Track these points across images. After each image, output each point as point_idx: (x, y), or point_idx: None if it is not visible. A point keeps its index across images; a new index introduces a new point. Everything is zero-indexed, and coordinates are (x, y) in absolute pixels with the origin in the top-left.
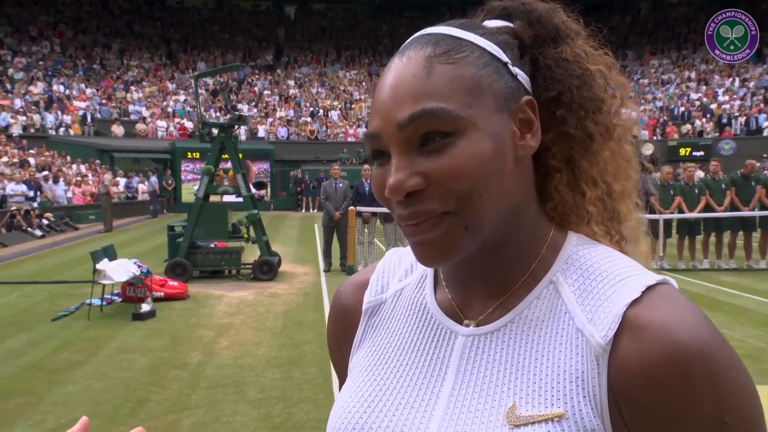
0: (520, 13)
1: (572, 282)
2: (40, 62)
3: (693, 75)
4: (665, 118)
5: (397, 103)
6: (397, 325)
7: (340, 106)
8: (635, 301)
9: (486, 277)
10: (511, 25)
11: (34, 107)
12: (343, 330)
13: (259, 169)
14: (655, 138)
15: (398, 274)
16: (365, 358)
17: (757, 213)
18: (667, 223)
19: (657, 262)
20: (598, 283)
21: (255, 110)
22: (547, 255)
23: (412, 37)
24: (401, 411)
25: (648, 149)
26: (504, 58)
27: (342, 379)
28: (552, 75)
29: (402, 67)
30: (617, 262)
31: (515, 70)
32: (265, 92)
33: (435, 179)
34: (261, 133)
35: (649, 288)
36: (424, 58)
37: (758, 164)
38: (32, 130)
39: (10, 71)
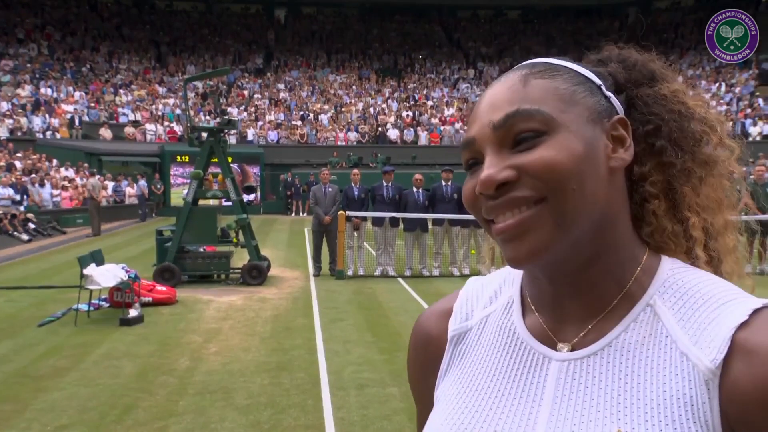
0: (616, 58)
1: (671, 305)
2: (28, 65)
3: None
4: None
5: (493, 110)
6: (486, 352)
7: (330, 109)
8: (743, 324)
9: (578, 295)
10: (600, 68)
11: (21, 110)
12: (427, 359)
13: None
14: None
15: (482, 302)
16: (454, 386)
17: (741, 218)
18: None
19: None
20: (700, 306)
21: (245, 114)
22: (641, 276)
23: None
24: None
25: None
26: (597, 81)
27: (424, 408)
28: (650, 110)
29: (500, 85)
30: (718, 285)
31: (608, 93)
32: (255, 96)
33: (527, 170)
34: (250, 136)
35: (756, 311)
36: (521, 75)
37: (743, 168)
38: (19, 134)
39: None
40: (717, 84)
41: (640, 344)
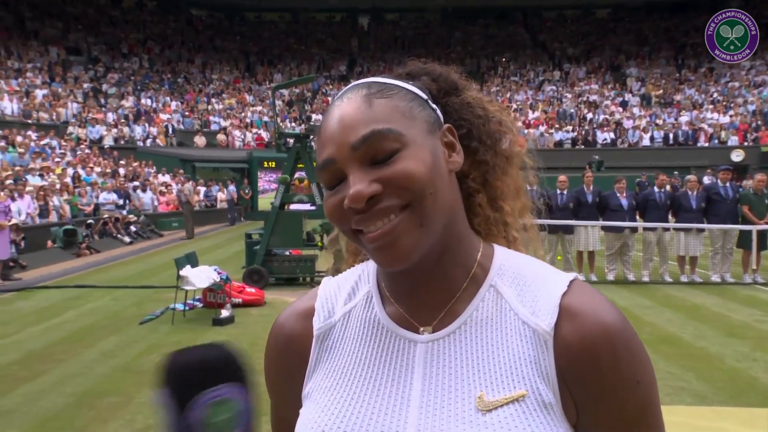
0: (423, 73)
1: (509, 284)
2: (131, 77)
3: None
4: (758, 122)
5: (347, 131)
6: (353, 344)
7: None
8: (565, 293)
9: (433, 284)
10: (418, 82)
11: (123, 120)
12: (291, 359)
13: None
14: (745, 144)
15: (342, 299)
16: (325, 380)
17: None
18: (762, 234)
19: (750, 276)
20: (531, 284)
21: None
22: (482, 262)
23: (345, 88)
24: (376, 419)
25: (737, 156)
26: (424, 95)
27: (286, 406)
28: (460, 116)
29: (345, 105)
30: (539, 266)
31: (434, 105)
32: None
33: (390, 182)
34: None
35: (572, 281)
36: (362, 96)
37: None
38: (122, 142)
39: (104, 86)
40: None
41: (490, 319)
